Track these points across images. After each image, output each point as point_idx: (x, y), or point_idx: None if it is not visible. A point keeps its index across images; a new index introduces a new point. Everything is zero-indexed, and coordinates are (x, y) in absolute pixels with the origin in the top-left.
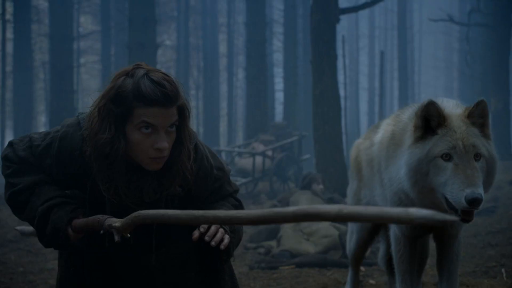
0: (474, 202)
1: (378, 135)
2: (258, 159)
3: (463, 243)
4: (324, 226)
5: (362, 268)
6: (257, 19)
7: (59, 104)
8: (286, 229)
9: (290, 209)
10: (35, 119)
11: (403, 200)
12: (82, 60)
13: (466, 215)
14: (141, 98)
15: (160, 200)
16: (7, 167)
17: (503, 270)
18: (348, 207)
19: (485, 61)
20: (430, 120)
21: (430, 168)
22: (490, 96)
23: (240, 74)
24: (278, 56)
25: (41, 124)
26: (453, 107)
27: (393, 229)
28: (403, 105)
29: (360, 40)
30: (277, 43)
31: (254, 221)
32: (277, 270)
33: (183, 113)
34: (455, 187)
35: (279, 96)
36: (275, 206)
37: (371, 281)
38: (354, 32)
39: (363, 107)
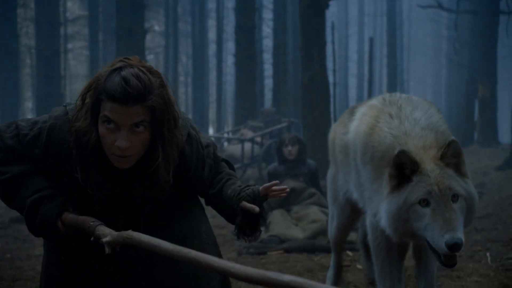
0: (454, 247)
1: (353, 123)
2: (247, 145)
3: None
4: (313, 211)
5: (349, 253)
6: (246, 5)
7: (46, 90)
8: (275, 214)
9: (286, 278)
10: (22, 105)
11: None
12: (69, 46)
13: (448, 260)
14: (104, 92)
15: (146, 197)
16: None
17: (488, 254)
18: None
19: (473, 49)
20: (404, 168)
21: (409, 215)
22: (477, 83)
23: (229, 60)
24: (267, 42)
25: (28, 110)
26: (426, 145)
27: (370, 218)
28: (392, 92)
29: (349, 27)
30: (266, 29)
31: (244, 278)
32: (266, 256)
33: (155, 114)
34: (435, 233)
35: (269, 82)
36: None
37: (358, 266)
38: (344, 19)
39: (352, 93)
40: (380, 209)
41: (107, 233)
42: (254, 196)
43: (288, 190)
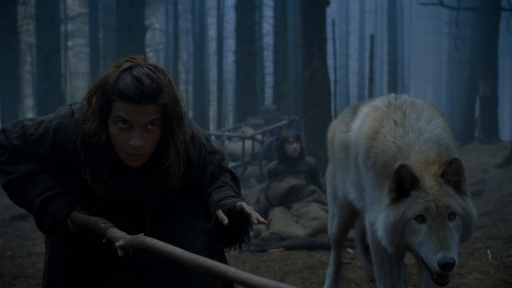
0: (446, 266)
1: (356, 122)
2: (248, 143)
3: None
4: (314, 209)
5: (349, 250)
6: (246, 2)
7: (46, 88)
8: (276, 212)
9: None
10: (22, 102)
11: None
12: (69, 43)
13: (440, 278)
14: (117, 92)
15: (154, 195)
16: (1, 154)
17: (488, 251)
18: None
19: (474, 46)
20: (404, 182)
21: (405, 230)
22: (478, 80)
23: (230, 58)
24: (268, 40)
25: (29, 108)
26: (428, 160)
27: (369, 218)
28: (392, 90)
29: (350, 24)
30: (267, 27)
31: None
32: (266, 253)
33: (166, 112)
34: (428, 250)
35: (269, 80)
36: (263, 189)
37: (359, 264)
38: (344, 16)
39: (353, 91)
40: (377, 220)
41: (119, 236)
42: (229, 208)
43: (267, 222)
